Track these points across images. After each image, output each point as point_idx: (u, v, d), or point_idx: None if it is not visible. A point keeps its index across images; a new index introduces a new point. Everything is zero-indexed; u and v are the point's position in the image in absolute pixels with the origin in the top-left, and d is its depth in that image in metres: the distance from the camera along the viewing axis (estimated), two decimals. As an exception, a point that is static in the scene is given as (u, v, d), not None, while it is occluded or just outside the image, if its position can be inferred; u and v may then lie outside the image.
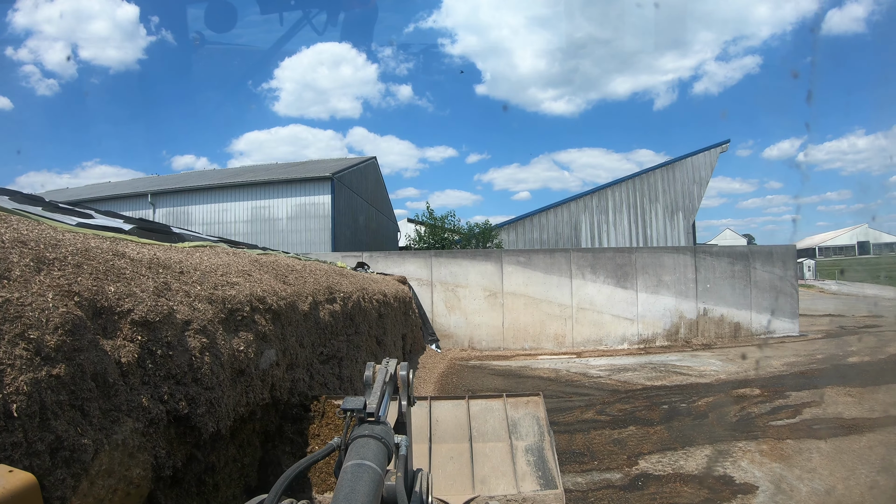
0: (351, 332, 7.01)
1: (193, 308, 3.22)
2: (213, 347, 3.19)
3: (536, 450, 4.19)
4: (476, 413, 4.50)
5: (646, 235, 27.82)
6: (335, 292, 6.63)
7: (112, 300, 2.52)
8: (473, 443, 4.26)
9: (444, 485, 3.96)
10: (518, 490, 3.88)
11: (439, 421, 4.45)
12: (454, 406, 4.57)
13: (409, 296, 13.63)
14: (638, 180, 28.30)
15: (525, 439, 4.28)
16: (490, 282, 16.00)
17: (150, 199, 26.09)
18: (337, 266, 10.32)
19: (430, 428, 4.38)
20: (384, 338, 9.18)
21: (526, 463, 4.10)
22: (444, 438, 4.32)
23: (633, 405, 9.78)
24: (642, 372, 12.65)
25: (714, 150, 28.82)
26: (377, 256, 16.44)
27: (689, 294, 16.57)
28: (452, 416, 4.47)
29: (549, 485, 3.93)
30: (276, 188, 24.06)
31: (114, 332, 2.48)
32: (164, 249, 4.41)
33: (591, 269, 16.09)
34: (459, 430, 4.37)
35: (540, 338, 15.84)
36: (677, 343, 16.32)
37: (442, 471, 4.07)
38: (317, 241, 22.94)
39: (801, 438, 7.65)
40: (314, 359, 5.60)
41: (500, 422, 4.42)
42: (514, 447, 4.21)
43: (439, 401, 4.63)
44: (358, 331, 7.28)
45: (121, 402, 2.33)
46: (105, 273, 2.70)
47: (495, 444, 4.26)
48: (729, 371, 12.63)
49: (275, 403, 4.46)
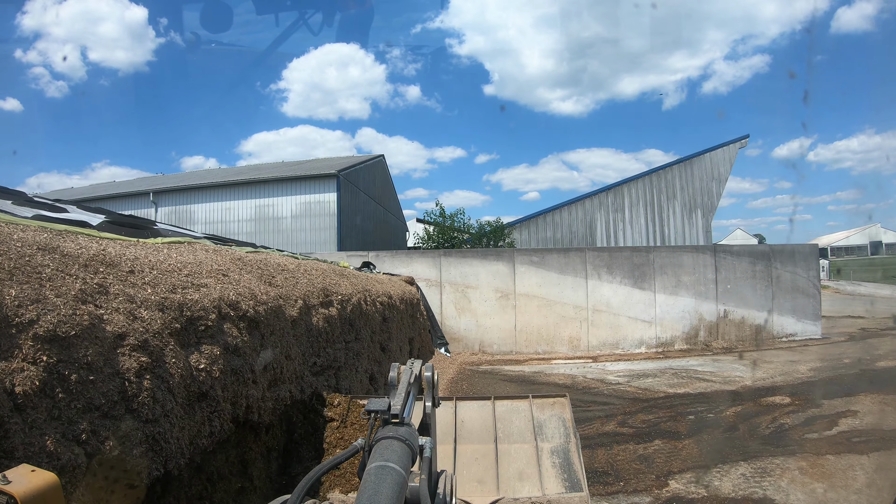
0: (350, 339, 6.37)
1: (133, 317, 2.57)
2: (158, 367, 2.56)
3: (562, 452, 4.11)
4: (501, 414, 4.42)
5: (663, 234, 26.83)
6: (332, 295, 5.99)
7: (10, 307, 1.86)
8: (498, 444, 4.19)
9: (468, 486, 3.88)
10: (543, 492, 3.79)
11: (464, 422, 4.37)
12: (480, 407, 4.49)
13: (416, 297, 12.97)
14: (655, 177, 27.33)
15: (551, 441, 4.21)
16: (502, 282, 15.29)
17: (151, 197, 25.64)
18: (338, 266, 9.68)
19: (456, 429, 4.29)
20: (389, 343, 8.53)
21: (551, 465, 4.02)
22: (470, 439, 4.24)
23: (656, 415, 9.14)
24: (663, 378, 11.97)
25: (733, 146, 27.80)
26: (384, 256, 15.78)
27: (709, 295, 15.85)
28: (478, 417, 4.40)
29: (575, 487, 3.83)
30: (281, 186, 23.46)
31: (8, 351, 1.82)
32: (123, 245, 3.77)
33: (608, 269, 15.37)
34: (485, 431, 4.30)
35: (554, 341, 15.13)
36: (697, 347, 15.62)
37: (466, 472, 3.99)
38: (322, 241, 22.30)
39: (841, 453, 7.06)
40: (305, 370, 4.96)
41: (525, 423, 4.35)
42: (539, 449, 4.13)
43: (465, 401, 4.54)
44: (359, 337, 6.63)
45: (14, 446, 1.73)
46: (12, 271, 2.06)
47: (521, 446, 4.19)
48: (754, 377, 12.00)
49: (253, 428, 3.82)
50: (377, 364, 7.73)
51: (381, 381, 7.71)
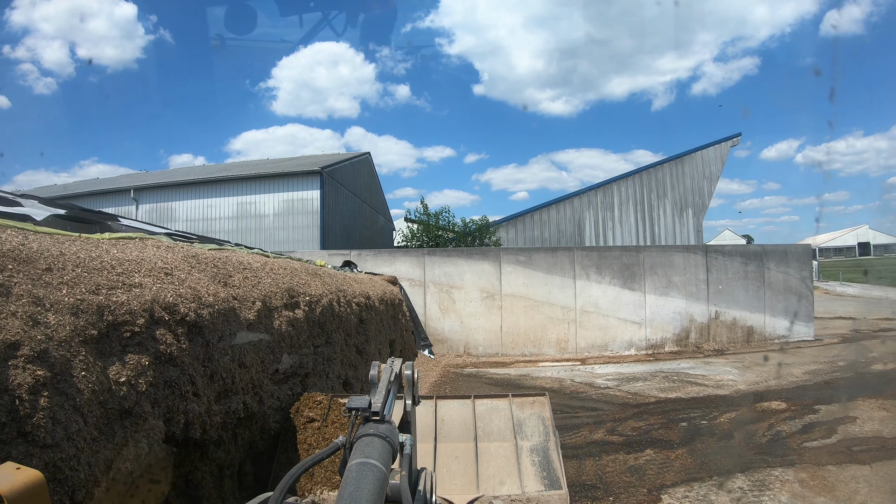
0: (320, 343, 5.92)
1: (34, 322, 2.11)
2: (61, 382, 2.10)
3: (541, 450, 4.11)
4: (481, 413, 4.44)
5: (653, 234, 26.25)
6: (298, 295, 5.53)
7: None
8: (478, 442, 4.20)
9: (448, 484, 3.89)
10: (522, 490, 3.81)
11: (445, 420, 4.38)
12: (460, 405, 4.50)
13: (398, 298, 12.52)
14: (645, 175, 26.71)
15: (530, 439, 4.21)
16: (487, 282, 14.84)
17: (132, 194, 24.99)
18: (314, 264, 9.22)
19: (436, 427, 4.29)
20: (366, 346, 8.07)
21: (531, 463, 4.03)
22: (450, 437, 4.26)
23: (647, 422, 8.77)
24: (653, 382, 11.60)
25: (725, 144, 27.26)
26: (366, 255, 15.28)
27: (701, 296, 15.51)
28: (458, 416, 4.40)
29: (554, 485, 3.84)
30: (263, 183, 22.84)
31: None
32: (56, 241, 3.32)
33: (597, 270, 14.98)
34: (464, 429, 4.32)
35: (541, 343, 14.71)
36: (688, 349, 15.28)
37: (446, 470, 4.00)
38: (305, 239, 21.75)
39: (842, 464, 6.75)
40: (264, 379, 4.51)
41: (505, 422, 4.36)
42: (518, 447, 4.15)
43: (445, 400, 4.56)
44: (330, 340, 6.18)
45: None
46: None
47: (500, 444, 4.20)
48: (748, 381, 11.68)
49: (199, 445, 3.37)
50: (352, 368, 7.27)
51: (357, 386, 7.26)
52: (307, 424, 4.45)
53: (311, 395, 4.66)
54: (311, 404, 4.57)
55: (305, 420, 4.47)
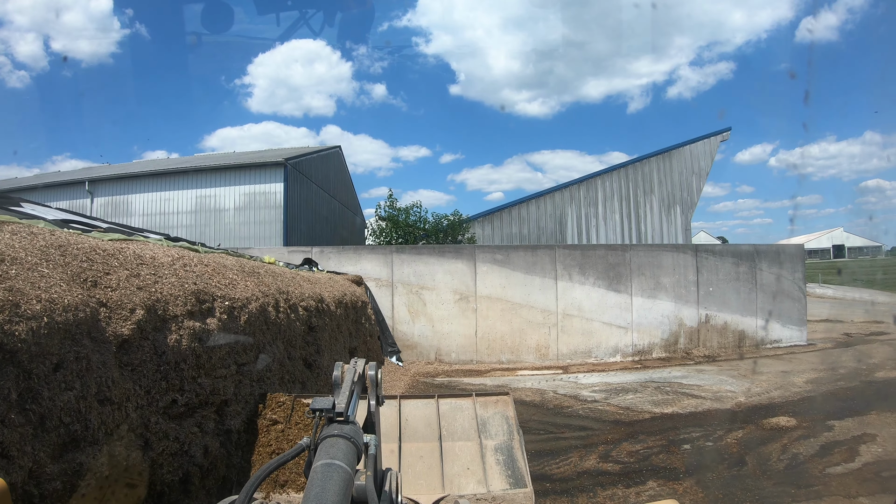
0: (247, 360, 4.61)
1: None
2: None
3: (506, 449, 4.10)
4: (445, 412, 4.39)
5: (639, 231, 24.91)
6: (213, 300, 4.22)
7: None
8: (443, 442, 4.16)
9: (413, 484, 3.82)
10: (488, 489, 3.78)
11: (409, 420, 4.32)
12: (424, 405, 4.44)
13: (363, 300, 11.21)
14: (631, 169, 25.31)
15: (494, 438, 4.18)
16: (461, 283, 13.59)
17: (87, 186, 23.27)
18: (261, 261, 7.91)
19: (400, 427, 4.22)
20: (317, 358, 6.75)
21: (495, 462, 4.01)
22: (414, 437, 4.20)
23: (645, 445, 7.67)
24: (645, 394, 10.47)
25: (714, 139, 26.08)
26: (329, 252, 13.91)
27: (690, 299, 14.46)
28: (422, 415, 4.35)
29: (519, 483, 3.81)
30: (223, 175, 21.26)
31: None
32: None
33: (580, 270, 13.80)
34: (429, 429, 4.26)
35: (520, 349, 13.49)
36: (676, 355, 14.22)
37: (412, 470, 3.95)
38: (267, 235, 20.27)
39: (874, 494, 5.94)
40: (152, 415, 3.22)
41: (469, 421, 4.32)
42: (483, 446, 4.12)
43: (409, 399, 4.48)
44: (263, 355, 4.87)
45: None
46: None
47: (465, 443, 4.16)
48: (748, 392, 10.70)
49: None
50: (299, 386, 5.97)
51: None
52: (270, 427, 4.24)
53: (274, 396, 4.41)
54: (274, 405, 4.35)
55: (269, 422, 4.27)
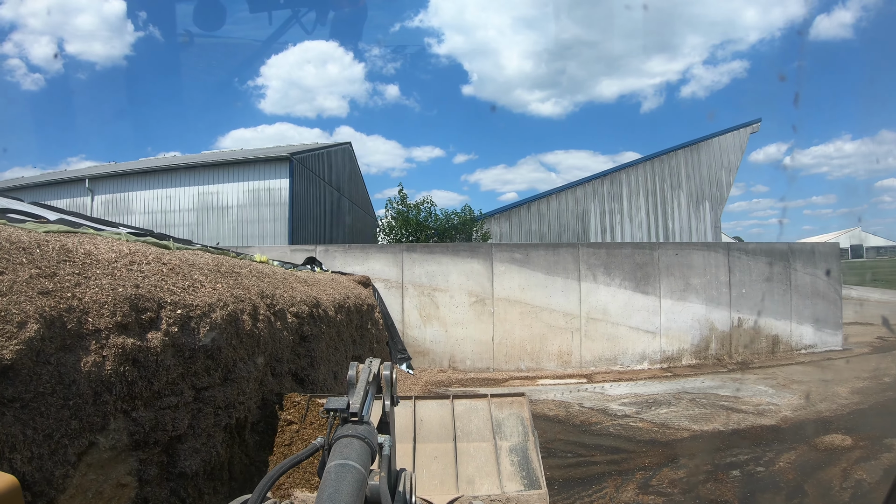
0: (210, 382, 3.67)
1: None
2: None
3: (520, 450, 4.04)
4: (460, 413, 4.34)
5: (667, 229, 23.52)
6: (157, 308, 3.29)
7: None
8: (457, 442, 4.11)
9: (427, 484, 3.77)
10: (502, 490, 3.70)
11: (423, 420, 4.26)
12: (439, 406, 4.39)
13: (369, 303, 10.29)
14: (657, 162, 23.78)
15: (509, 439, 4.14)
16: (477, 284, 12.65)
17: (87, 184, 22.57)
18: (250, 260, 7.02)
19: (415, 427, 4.17)
20: (311, 371, 5.83)
21: (510, 463, 3.96)
22: (429, 438, 4.14)
23: (688, 471, 6.73)
24: (680, 407, 9.49)
25: (744, 130, 24.65)
26: (334, 251, 13.00)
27: (722, 301, 13.45)
28: (437, 416, 4.30)
29: (533, 485, 3.72)
30: (227, 171, 20.43)
31: None
32: None
33: (605, 270, 12.82)
34: (444, 429, 4.21)
35: (540, 356, 12.52)
36: (707, 362, 13.22)
37: (426, 470, 3.90)
38: (272, 233, 19.42)
39: None
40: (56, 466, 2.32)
41: (484, 422, 4.28)
42: (498, 447, 4.07)
43: (424, 400, 4.43)
44: (233, 375, 3.96)
45: None
46: None
47: (479, 444, 4.13)
48: (791, 405, 9.71)
49: None
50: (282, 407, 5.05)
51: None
52: (285, 427, 4.16)
53: (289, 396, 4.35)
54: (289, 405, 4.29)
55: (284, 423, 4.18)
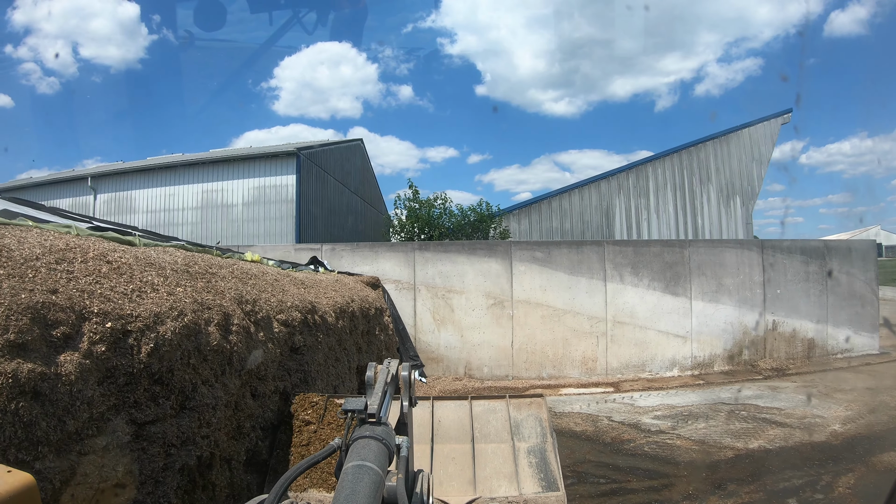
0: (157, 414, 2.86)
1: None
2: None
3: (539, 451, 4.00)
4: (479, 414, 4.33)
5: (696, 225, 22.24)
6: (78, 321, 2.51)
7: None
8: (475, 444, 4.10)
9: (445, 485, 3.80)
10: (520, 492, 3.71)
11: (441, 421, 4.25)
12: (457, 406, 4.37)
13: (377, 306, 9.51)
14: (685, 154, 22.48)
15: (527, 441, 4.11)
16: (495, 285, 11.83)
17: (90, 182, 22.02)
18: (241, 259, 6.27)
19: (433, 428, 4.18)
20: (304, 389, 5.02)
21: (528, 465, 3.92)
22: (447, 439, 4.14)
23: (739, 499, 5.91)
24: (718, 421, 8.64)
25: (775, 121, 23.22)
26: (341, 250, 12.22)
27: (755, 302, 12.54)
28: (455, 417, 4.28)
29: (552, 487, 3.71)
30: (231, 167, 19.72)
31: None
32: None
33: (633, 269, 11.95)
34: (462, 430, 4.20)
35: (563, 362, 11.67)
36: (740, 368, 12.33)
37: (443, 471, 3.91)
38: (279, 232, 18.70)
39: None
40: None
41: (502, 423, 4.25)
42: (516, 448, 4.04)
43: (442, 401, 4.42)
44: (190, 405, 3.15)
45: None
46: None
47: (497, 446, 4.09)
48: (838, 417, 8.85)
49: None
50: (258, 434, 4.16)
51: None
52: (303, 427, 4.09)
53: (307, 396, 4.27)
54: (307, 406, 4.20)
55: (301, 423, 4.11)
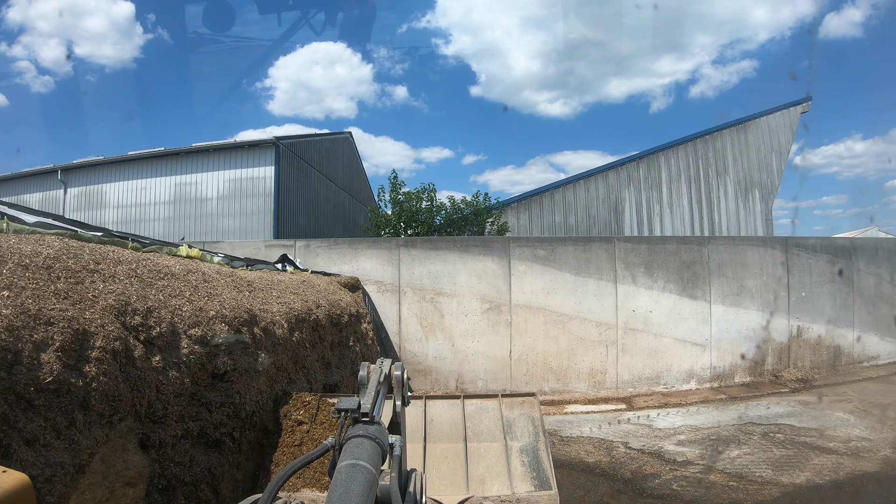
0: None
1: None
2: None
3: (531, 450, 4.00)
4: (471, 413, 4.33)
5: (712, 221, 20.59)
6: None
7: None
8: (468, 443, 4.09)
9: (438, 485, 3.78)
10: (512, 490, 3.69)
11: (434, 420, 4.25)
12: (449, 406, 4.36)
13: (354, 311, 8.19)
14: (700, 143, 20.76)
15: (520, 440, 4.09)
16: (491, 287, 10.49)
17: (60, 176, 20.63)
18: (174, 254, 4.97)
19: (425, 427, 4.17)
20: (230, 428, 3.79)
21: (521, 463, 3.92)
22: (439, 438, 4.14)
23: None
24: (753, 447, 7.38)
25: (794, 109, 21.71)
26: (316, 247, 10.85)
27: (780, 306, 11.31)
28: (447, 416, 4.27)
29: (544, 486, 3.70)
30: (206, 159, 18.29)
31: None
32: None
33: (646, 269, 10.64)
34: (454, 429, 4.20)
35: (568, 375, 10.34)
36: (763, 379, 11.10)
37: (436, 470, 3.90)
38: (256, 227, 17.31)
39: None
40: None
41: (495, 422, 4.25)
42: (508, 447, 4.04)
43: (434, 400, 4.40)
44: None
45: None
46: None
47: (490, 445, 4.09)
48: (886, 439, 7.89)
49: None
50: None
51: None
52: (296, 427, 3.98)
53: (300, 396, 4.17)
54: (300, 405, 4.11)
55: (294, 423, 4.00)
